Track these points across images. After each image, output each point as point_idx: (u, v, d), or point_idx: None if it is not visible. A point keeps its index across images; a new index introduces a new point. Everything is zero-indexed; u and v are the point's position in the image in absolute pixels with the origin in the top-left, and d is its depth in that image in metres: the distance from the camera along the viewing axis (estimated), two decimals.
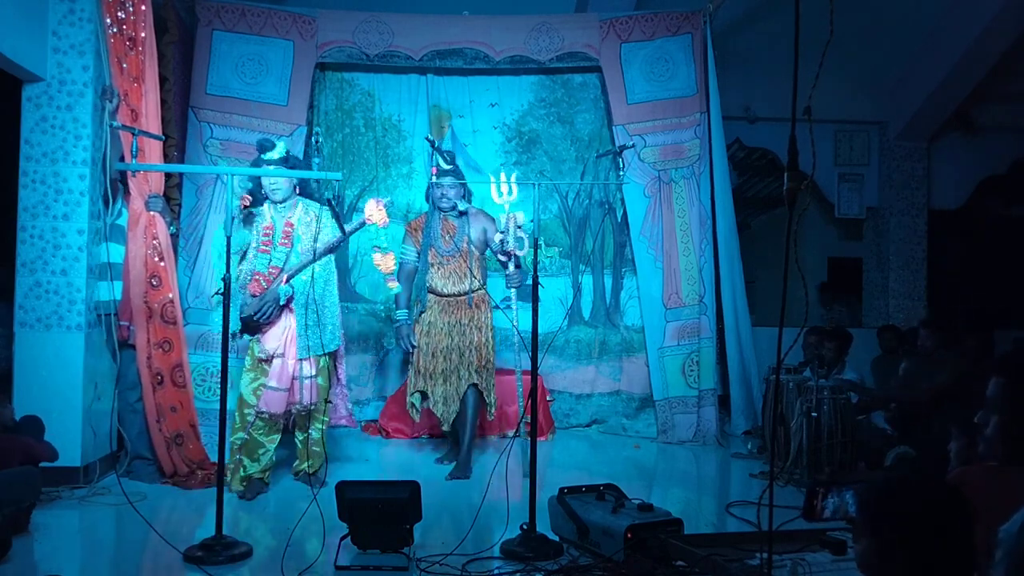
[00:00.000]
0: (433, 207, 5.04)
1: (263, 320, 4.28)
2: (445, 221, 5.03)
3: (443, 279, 5.00)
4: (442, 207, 4.99)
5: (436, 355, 4.98)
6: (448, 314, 5.01)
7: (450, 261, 5.02)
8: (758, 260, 7.95)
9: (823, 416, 4.67)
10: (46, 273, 4.48)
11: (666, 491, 4.92)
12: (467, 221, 5.01)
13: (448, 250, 5.00)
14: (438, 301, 5.03)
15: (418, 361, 5.01)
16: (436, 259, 5.02)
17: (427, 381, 4.98)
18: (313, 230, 4.34)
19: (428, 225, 5.04)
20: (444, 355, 4.98)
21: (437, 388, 4.97)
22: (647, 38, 6.18)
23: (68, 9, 4.51)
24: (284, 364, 4.32)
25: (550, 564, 3.37)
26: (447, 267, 5.01)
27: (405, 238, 5.15)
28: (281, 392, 4.32)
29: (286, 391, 4.33)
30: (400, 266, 5.01)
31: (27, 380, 4.45)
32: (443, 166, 4.92)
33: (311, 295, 4.26)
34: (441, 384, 4.96)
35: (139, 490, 4.31)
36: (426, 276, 5.03)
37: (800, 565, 2.92)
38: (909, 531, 1.57)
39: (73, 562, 3.59)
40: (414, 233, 5.10)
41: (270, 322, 4.31)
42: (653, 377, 6.13)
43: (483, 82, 6.40)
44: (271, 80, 5.89)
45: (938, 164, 7.98)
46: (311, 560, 3.31)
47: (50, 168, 4.50)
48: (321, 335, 4.28)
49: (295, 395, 4.35)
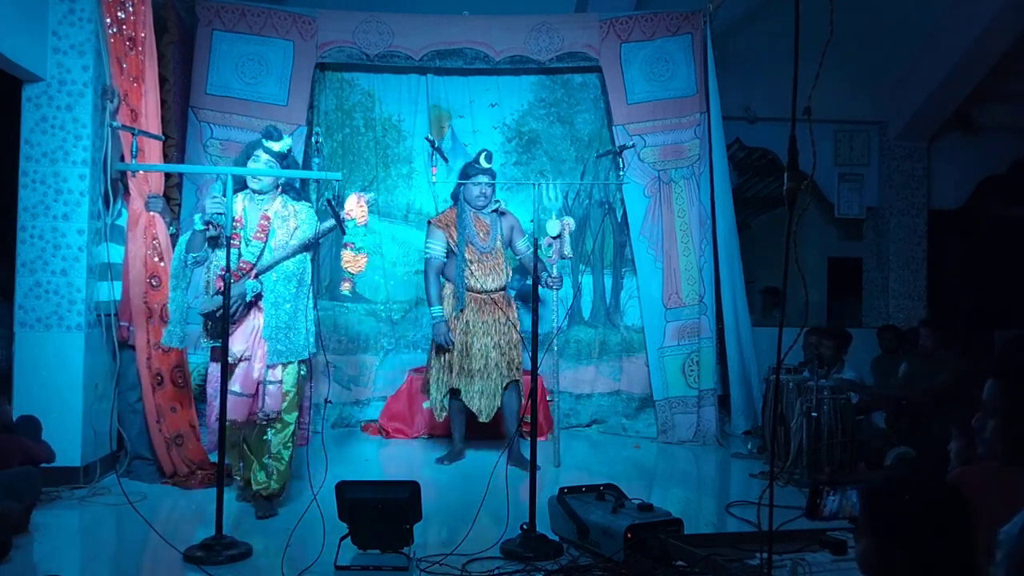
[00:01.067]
0: (464, 204, 5.05)
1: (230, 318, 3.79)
2: (477, 219, 5.08)
3: (483, 276, 5.03)
4: (478, 205, 5.02)
5: (472, 353, 5.01)
6: (485, 312, 5.05)
7: (488, 258, 5.07)
8: (758, 260, 7.95)
9: (823, 416, 4.67)
10: (46, 273, 4.48)
11: (666, 491, 4.92)
12: (498, 219, 5.09)
13: (486, 247, 5.06)
14: (475, 299, 5.06)
15: (450, 359, 5.03)
16: (474, 256, 5.04)
17: (462, 379, 5.01)
18: (291, 226, 4.00)
19: (461, 222, 5.04)
20: (483, 352, 5.02)
21: (474, 384, 5.02)
22: (647, 38, 6.18)
23: (68, 9, 4.51)
24: (250, 367, 3.95)
25: (550, 564, 3.37)
26: (486, 264, 5.06)
27: (432, 233, 5.13)
28: (245, 398, 3.95)
29: (250, 397, 3.97)
30: (427, 262, 5.11)
31: (27, 380, 4.44)
32: (482, 164, 4.98)
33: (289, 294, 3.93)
34: (479, 380, 5.01)
35: (139, 490, 4.31)
36: (463, 274, 5.02)
37: (800, 565, 2.92)
38: (909, 531, 1.57)
39: (73, 562, 3.59)
40: (445, 229, 5.08)
41: (236, 321, 3.93)
42: (653, 377, 6.13)
43: (483, 82, 6.39)
44: (271, 80, 5.90)
45: (938, 164, 7.98)
46: (311, 560, 3.31)
47: (50, 168, 4.50)
48: (291, 339, 3.94)
49: (259, 402, 3.98)
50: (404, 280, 6.40)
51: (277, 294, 3.94)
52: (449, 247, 5.07)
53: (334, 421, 6.14)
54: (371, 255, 6.36)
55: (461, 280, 5.03)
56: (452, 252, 5.08)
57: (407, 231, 6.42)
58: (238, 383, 3.94)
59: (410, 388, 6.11)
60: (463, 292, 5.04)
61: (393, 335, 6.37)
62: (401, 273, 6.41)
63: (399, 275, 6.40)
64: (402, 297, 6.40)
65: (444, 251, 5.08)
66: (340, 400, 6.19)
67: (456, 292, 5.08)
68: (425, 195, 6.36)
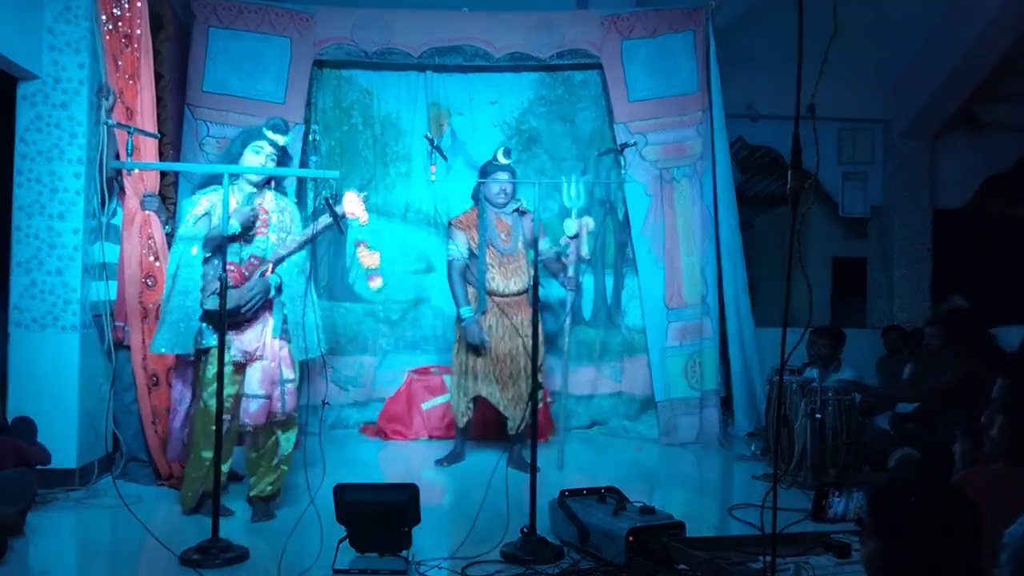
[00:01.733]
0: (485, 204, 4.93)
1: (249, 313, 3.85)
2: (499, 219, 4.95)
3: (504, 279, 4.91)
4: (498, 203, 4.90)
5: (499, 359, 4.89)
6: (508, 316, 4.90)
7: (510, 260, 4.94)
8: (761, 260, 7.92)
9: (827, 418, 4.64)
10: (41, 273, 4.45)
11: (668, 493, 4.88)
12: (520, 219, 4.93)
13: (508, 248, 4.92)
14: (498, 303, 4.93)
15: (475, 365, 4.91)
16: (495, 258, 4.92)
17: (488, 386, 4.89)
18: (287, 219, 4.01)
19: (483, 223, 4.91)
20: (510, 358, 4.89)
21: (508, 392, 4.89)
22: (649, 35, 6.14)
23: (64, 6, 4.47)
24: (266, 367, 3.90)
25: (551, 567, 3.34)
26: (508, 267, 4.92)
27: (453, 234, 4.99)
28: (264, 400, 3.89)
29: (268, 399, 3.91)
30: (449, 264, 4.96)
31: (22, 381, 4.41)
32: (501, 160, 4.84)
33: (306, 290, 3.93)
34: (512, 387, 4.88)
35: (135, 492, 4.26)
36: (485, 277, 4.90)
37: (804, 568, 2.88)
38: (914, 533, 1.58)
39: (68, 565, 3.57)
40: (467, 230, 4.95)
41: (251, 319, 3.88)
42: (655, 378, 6.09)
43: (483, 79, 6.35)
44: (268, 77, 5.86)
45: (942, 162, 7.95)
46: (309, 563, 3.27)
47: (45, 167, 4.46)
48: (307, 336, 3.90)
49: (276, 403, 3.92)
50: (403, 280, 6.35)
51: (293, 289, 3.92)
52: (471, 249, 4.93)
53: (332, 423, 6.09)
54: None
55: (483, 283, 4.91)
56: (474, 254, 4.93)
57: (405, 230, 6.37)
58: (257, 384, 3.88)
59: (409, 389, 6.08)
60: (484, 296, 4.91)
61: (392, 335, 6.33)
62: (400, 272, 6.35)
63: (398, 274, 6.35)
64: (401, 297, 6.35)
65: (467, 252, 4.92)
66: (338, 401, 6.16)
67: (478, 295, 4.94)
68: (424, 194, 6.32)
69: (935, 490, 1.63)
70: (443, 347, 6.32)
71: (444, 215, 6.07)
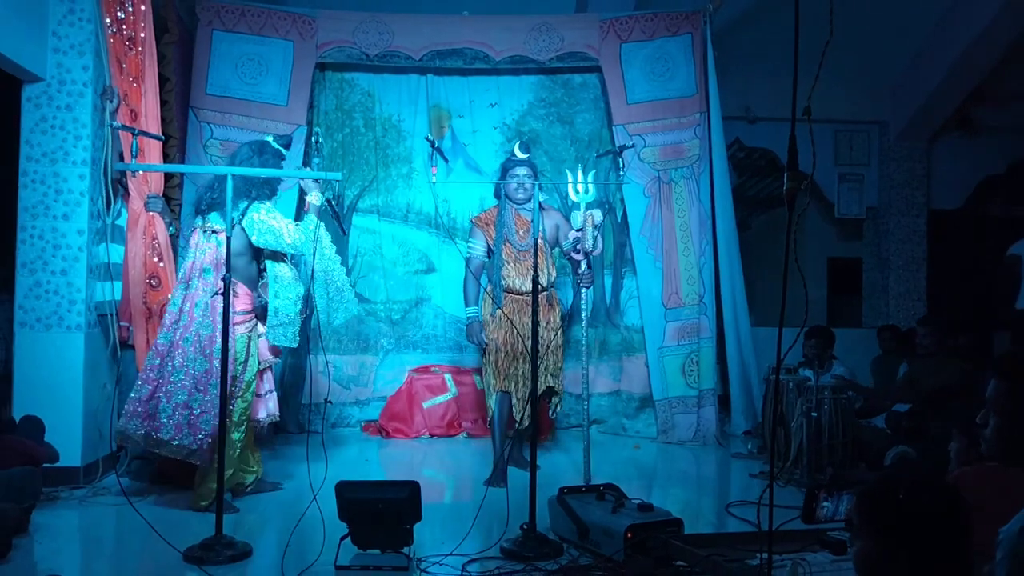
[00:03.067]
0: (505, 200, 4.83)
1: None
2: (518, 216, 4.85)
3: (519, 276, 4.77)
4: (517, 199, 4.79)
5: (517, 357, 4.77)
6: (525, 314, 4.69)
7: (527, 257, 4.76)
8: (758, 260, 7.95)
9: (823, 416, 4.67)
10: (46, 273, 4.48)
11: (666, 491, 4.92)
12: (540, 215, 4.67)
13: (525, 245, 4.78)
14: (515, 300, 4.80)
15: (498, 362, 4.78)
16: (511, 255, 4.81)
17: (510, 383, 4.78)
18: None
19: (501, 219, 4.80)
20: (525, 357, 4.74)
21: (520, 390, 4.78)
22: (647, 38, 6.18)
23: (68, 9, 4.51)
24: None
25: (550, 564, 3.36)
26: (524, 263, 4.77)
27: (472, 232, 4.91)
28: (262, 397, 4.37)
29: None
30: (467, 261, 4.88)
31: (27, 380, 4.45)
32: (518, 155, 4.74)
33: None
34: (522, 386, 4.76)
35: (138, 490, 4.31)
36: (501, 273, 4.79)
37: (800, 565, 2.92)
38: (908, 532, 1.56)
39: (73, 562, 3.58)
40: (485, 228, 4.85)
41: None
42: (653, 377, 6.13)
43: (483, 82, 6.40)
44: (271, 80, 5.90)
45: (938, 164, 7.98)
46: (311, 560, 3.31)
47: (50, 168, 4.50)
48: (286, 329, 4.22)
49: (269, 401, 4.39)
50: (404, 280, 6.41)
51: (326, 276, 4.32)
52: (488, 246, 4.84)
53: (334, 421, 6.14)
54: (371, 255, 6.38)
55: (499, 280, 4.80)
56: (493, 252, 4.84)
57: (406, 231, 6.42)
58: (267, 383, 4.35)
59: (410, 388, 6.12)
60: (500, 292, 4.80)
61: (393, 335, 6.38)
62: (401, 273, 6.41)
63: (399, 275, 6.41)
64: (402, 297, 6.40)
65: (484, 250, 4.83)
66: (339, 400, 6.19)
67: (496, 294, 4.81)
68: (425, 195, 6.36)
69: (924, 487, 1.61)
70: (443, 347, 6.40)
71: (445, 216, 6.12)
